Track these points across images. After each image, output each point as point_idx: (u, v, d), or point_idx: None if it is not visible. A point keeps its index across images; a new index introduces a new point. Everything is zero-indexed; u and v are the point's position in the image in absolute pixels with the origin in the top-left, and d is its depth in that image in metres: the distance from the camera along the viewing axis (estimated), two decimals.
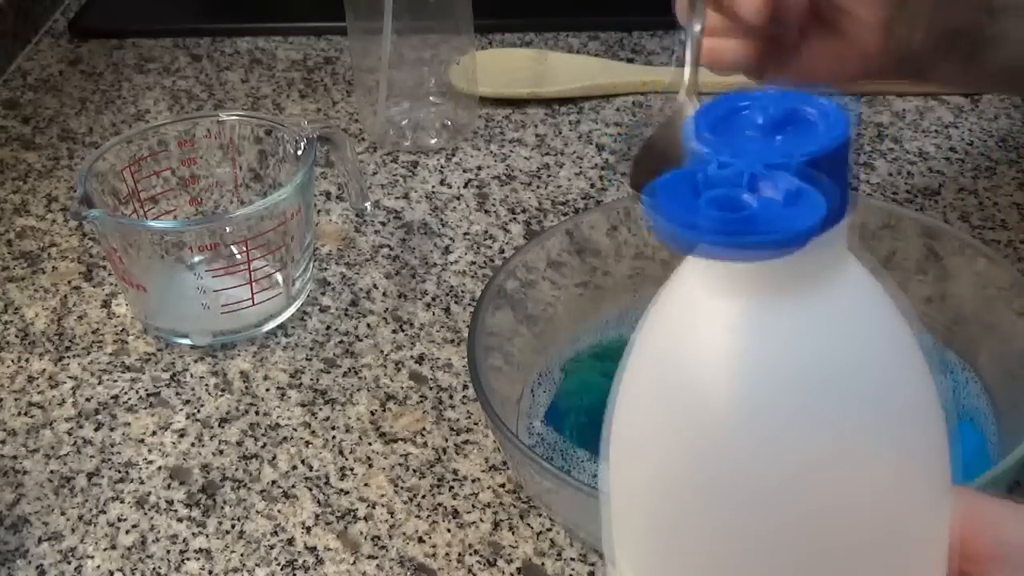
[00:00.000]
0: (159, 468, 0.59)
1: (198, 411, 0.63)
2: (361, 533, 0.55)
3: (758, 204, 0.26)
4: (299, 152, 0.67)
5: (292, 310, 0.68)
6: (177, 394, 0.64)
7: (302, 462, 0.59)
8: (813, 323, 0.29)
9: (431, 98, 0.83)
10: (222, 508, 0.57)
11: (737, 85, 0.81)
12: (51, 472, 0.59)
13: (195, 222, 0.70)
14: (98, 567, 0.54)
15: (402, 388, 0.63)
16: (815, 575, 0.31)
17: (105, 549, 0.55)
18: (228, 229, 0.64)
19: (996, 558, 0.33)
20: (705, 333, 0.29)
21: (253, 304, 0.66)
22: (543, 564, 0.53)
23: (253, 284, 0.65)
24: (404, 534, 0.55)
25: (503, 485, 0.57)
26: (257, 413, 0.62)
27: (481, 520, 0.55)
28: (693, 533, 0.31)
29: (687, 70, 0.58)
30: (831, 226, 0.27)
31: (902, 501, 0.31)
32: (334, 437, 0.61)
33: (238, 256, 0.64)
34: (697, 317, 0.29)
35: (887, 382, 0.30)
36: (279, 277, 0.67)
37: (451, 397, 0.62)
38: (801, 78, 0.60)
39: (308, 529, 0.56)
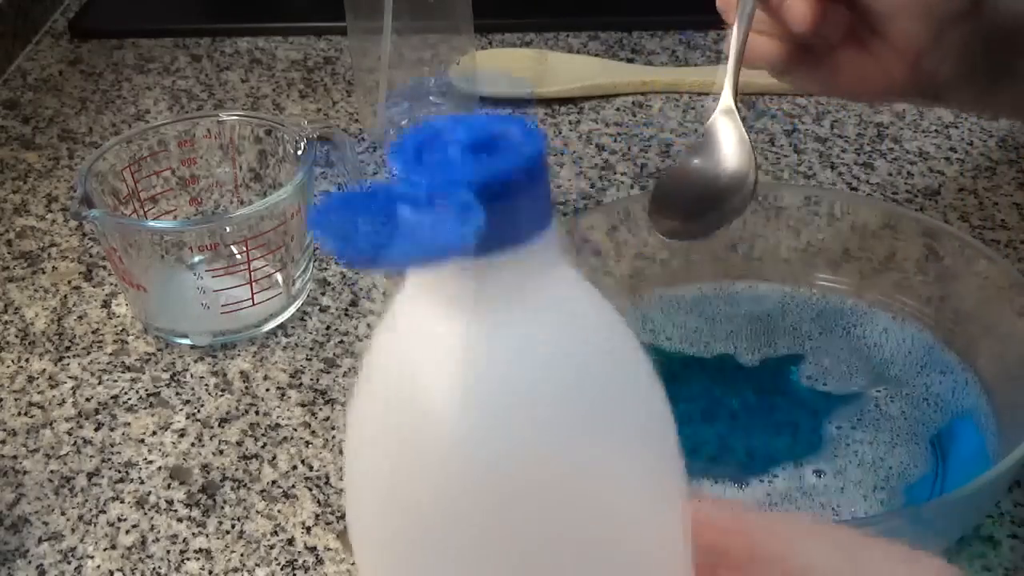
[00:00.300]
0: (159, 468, 0.59)
1: (198, 411, 0.63)
2: None
3: (427, 219, 0.26)
4: (299, 152, 0.67)
5: (292, 310, 0.68)
6: (177, 394, 0.64)
7: (302, 462, 0.59)
8: (522, 332, 0.29)
9: (431, 98, 0.83)
10: (222, 508, 0.57)
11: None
12: (51, 472, 0.59)
13: (195, 222, 0.70)
14: (98, 567, 0.54)
15: None
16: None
17: (105, 549, 0.55)
18: (228, 229, 0.64)
19: (748, 566, 0.33)
20: (416, 353, 0.29)
21: (253, 304, 0.66)
22: None
23: (253, 284, 0.65)
24: None
25: None
26: (257, 413, 0.62)
27: None
28: (417, 543, 0.31)
29: (729, 72, 0.58)
30: (526, 239, 0.28)
31: (630, 505, 0.30)
32: (334, 437, 0.61)
33: (238, 256, 0.64)
34: (409, 338, 0.29)
35: (602, 387, 0.30)
36: (279, 277, 0.67)
37: None
38: (823, 87, 0.61)
39: (308, 529, 0.56)
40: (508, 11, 0.97)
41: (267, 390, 0.64)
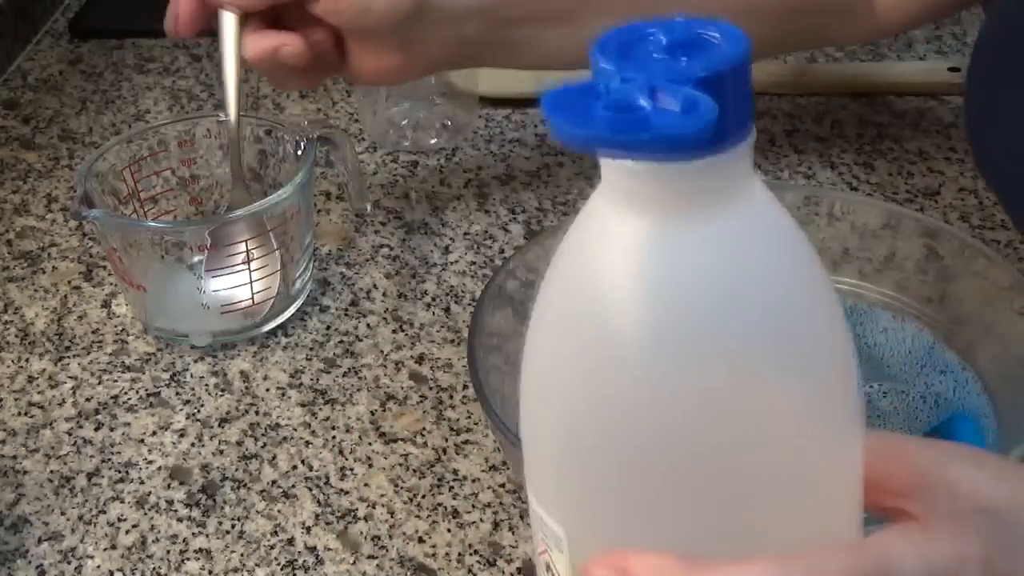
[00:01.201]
0: (159, 468, 0.59)
1: (198, 411, 0.63)
2: (361, 533, 0.55)
3: (654, 110, 0.27)
4: (299, 152, 0.67)
5: (292, 310, 0.68)
6: (177, 394, 0.64)
7: (302, 462, 0.59)
8: (718, 241, 0.29)
9: (431, 98, 0.83)
10: (222, 508, 0.57)
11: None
12: (51, 472, 0.59)
13: (195, 222, 0.70)
14: (98, 567, 0.54)
15: (402, 388, 0.63)
16: (726, 502, 0.30)
17: (105, 549, 0.55)
18: (228, 229, 0.64)
19: (914, 491, 0.33)
20: (610, 253, 0.29)
21: (253, 304, 0.66)
22: None
23: (253, 284, 0.65)
24: (404, 534, 0.55)
25: (503, 485, 0.57)
26: (257, 413, 0.62)
27: (481, 520, 0.55)
28: (599, 466, 0.31)
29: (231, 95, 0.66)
30: (732, 143, 0.28)
31: (811, 423, 0.30)
32: (334, 437, 0.61)
33: (238, 256, 0.64)
34: (603, 239, 0.30)
35: (794, 304, 0.30)
36: (279, 277, 0.67)
37: (451, 397, 0.62)
38: (351, 79, 0.68)
39: (308, 529, 0.56)
40: None
41: (267, 390, 0.64)
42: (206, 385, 0.64)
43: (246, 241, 0.64)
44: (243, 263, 0.64)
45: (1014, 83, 0.57)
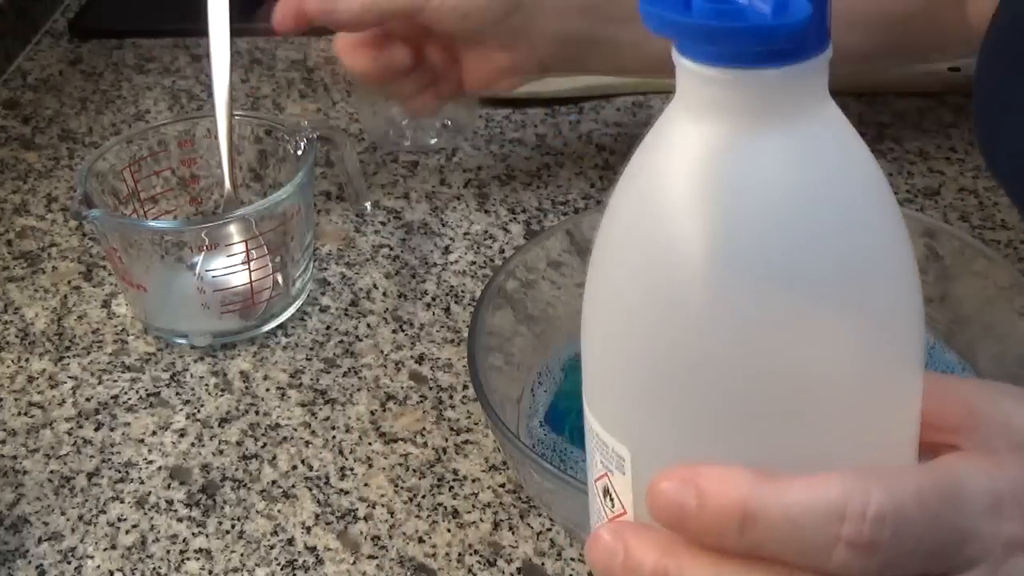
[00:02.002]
0: (159, 468, 0.59)
1: (198, 411, 0.63)
2: (361, 533, 0.55)
3: (749, 5, 0.28)
4: (299, 152, 0.67)
5: (292, 310, 0.68)
6: (177, 394, 0.64)
7: (302, 462, 0.59)
8: (794, 153, 0.29)
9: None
10: (222, 508, 0.57)
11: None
12: (51, 472, 0.59)
13: (195, 222, 0.70)
14: (98, 567, 0.54)
15: (402, 388, 0.63)
16: (792, 421, 0.30)
17: (105, 549, 0.55)
18: (228, 229, 0.64)
19: (968, 428, 0.34)
20: (683, 160, 0.30)
21: (253, 304, 0.66)
22: (543, 564, 0.53)
23: (253, 284, 0.65)
24: (404, 534, 0.55)
25: (503, 485, 0.57)
26: (257, 413, 0.62)
27: (481, 520, 0.55)
28: (667, 382, 0.31)
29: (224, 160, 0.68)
30: (813, 53, 0.28)
31: (879, 347, 0.30)
32: (334, 437, 0.61)
33: (238, 256, 0.64)
34: (677, 147, 0.30)
35: (866, 225, 0.30)
36: (279, 277, 0.67)
37: (451, 397, 0.62)
38: (471, 89, 0.71)
39: (308, 529, 0.56)
40: None
41: (267, 390, 0.64)
42: (206, 385, 0.64)
43: (246, 241, 0.64)
44: (243, 263, 0.64)
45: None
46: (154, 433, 0.61)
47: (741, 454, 0.31)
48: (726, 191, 0.29)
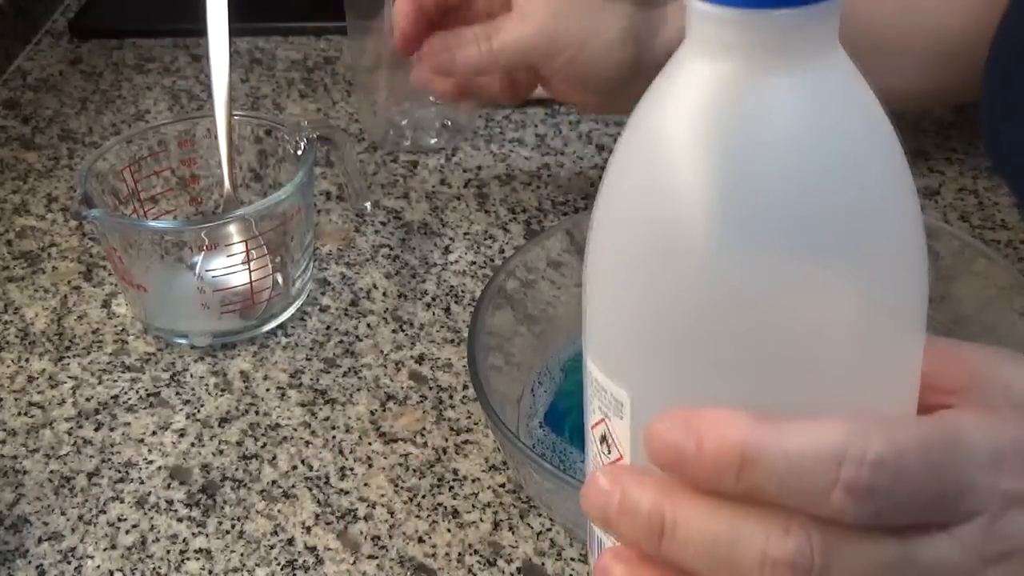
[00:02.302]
0: (159, 468, 0.59)
1: (198, 411, 0.63)
2: (361, 533, 0.55)
3: None
4: (299, 152, 0.67)
5: (292, 310, 0.68)
6: (177, 394, 0.64)
7: (302, 462, 0.59)
8: (804, 98, 0.29)
9: (431, 98, 0.83)
10: (222, 508, 0.57)
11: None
12: (51, 472, 0.59)
13: (195, 222, 0.70)
14: (98, 567, 0.54)
15: (402, 388, 0.63)
16: (793, 370, 0.30)
17: (105, 549, 0.55)
18: (228, 229, 0.64)
19: (968, 389, 0.34)
20: (694, 101, 0.30)
21: (253, 304, 0.66)
22: (543, 564, 0.53)
23: (253, 284, 0.65)
24: (404, 534, 0.55)
25: (503, 485, 0.57)
26: (257, 413, 0.62)
27: (481, 520, 0.55)
28: (668, 327, 0.31)
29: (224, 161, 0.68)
30: None
31: (882, 301, 0.30)
32: (334, 437, 0.61)
33: (238, 256, 0.64)
34: (688, 87, 0.30)
35: (873, 174, 0.30)
36: (279, 277, 0.67)
37: (451, 397, 0.62)
38: (555, 98, 0.70)
39: (308, 529, 0.56)
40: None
41: (267, 390, 0.64)
42: (206, 385, 0.64)
43: (246, 241, 0.64)
44: (243, 263, 0.64)
45: None
46: (154, 433, 0.61)
47: (741, 401, 0.30)
48: (734, 134, 0.29)
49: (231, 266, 0.64)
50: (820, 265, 0.29)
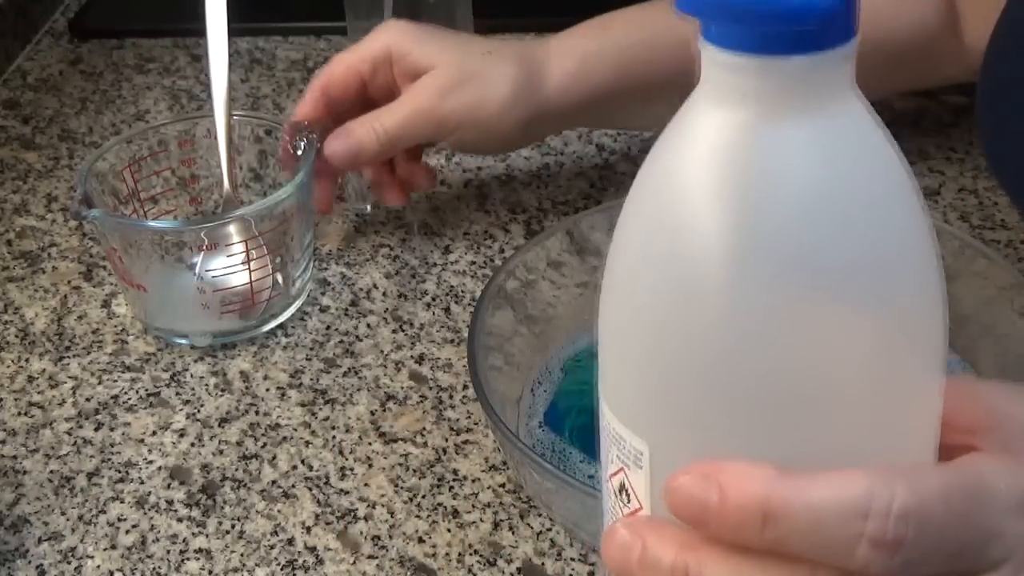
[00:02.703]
0: (159, 468, 0.59)
1: (198, 411, 0.63)
2: (361, 533, 0.55)
3: None
4: (299, 152, 0.67)
5: (292, 310, 0.68)
6: (177, 394, 0.64)
7: (302, 462, 0.59)
8: (818, 143, 0.29)
9: None
10: (222, 508, 0.57)
11: None
12: (51, 472, 0.59)
13: (195, 222, 0.70)
14: (98, 567, 0.54)
15: (402, 388, 0.63)
16: (812, 419, 0.30)
17: (105, 549, 0.55)
18: (228, 229, 0.64)
19: (986, 429, 0.34)
20: (708, 147, 0.29)
21: (253, 304, 0.66)
22: (543, 564, 0.53)
23: (253, 284, 0.65)
24: (404, 534, 0.55)
25: (503, 485, 0.57)
26: (257, 413, 0.62)
27: (481, 520, 0.55)
28: (687, 376, 0.30)
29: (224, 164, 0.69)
30: (839, 41, 0.28)
31: (901, 345, 0.30)
32: (334, 437, 0.61)
33: (237, 256, 0.64)
34: (702, 133, 0.30)
35: (890, 219, 0.30)
36: (279, 277, 0.67)
37: (451, 397, 0.62)
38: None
39: (308, 529, 0.56)
40: (508, 11, 0.97)
41: (267, 390, 0.64)
42: (206, 385, 0.64)
43: (245, 241, 0.64)
44: (242, 263, 0.64)
45: None
46: (154, 433, 0.61)
47: (761, 450, 0.30)
48: (748, 180, 0.29)
49: (231, 266, 0.64)
50: (836, 312, 0.29)
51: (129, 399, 0.64)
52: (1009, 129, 0.58)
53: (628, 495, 0.34)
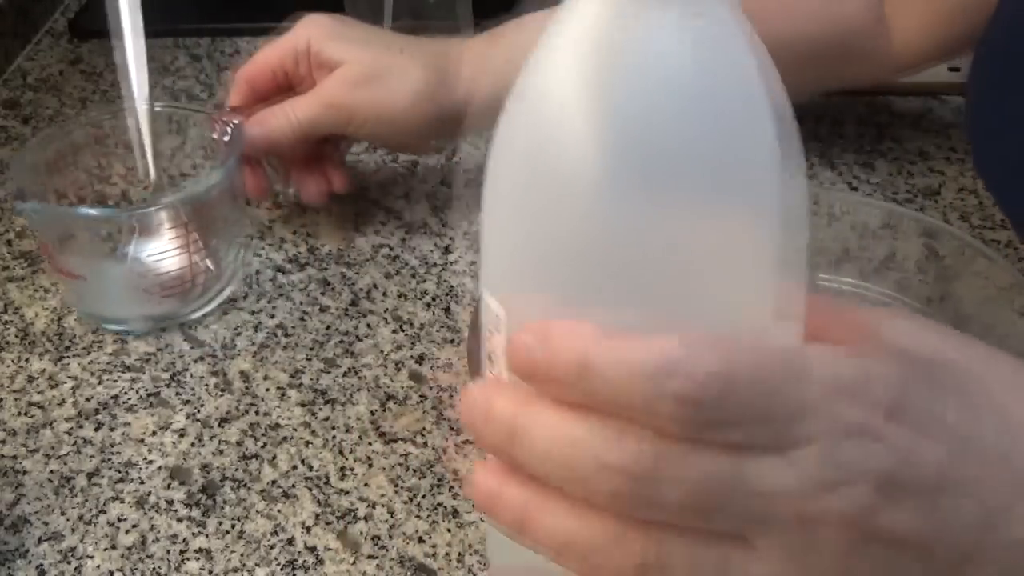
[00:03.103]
0: (159, 468, 0.59)
1: (198, 411, 0.63)
2: (361, 533, 0.55)
3: None
4: (226, 139, 0.69)
5: (226, 294, 0.70)
6: (177, 394, 0.64)
7: (302, 462, 0.59)
8: (686, 33, 0.30)
9: None
10: (222, 508, 0.57)
11: None
12: (51, 472, 0.59)
13: (126, 209, 0.71)
14: (98, 567, 0.54)
15: (402, 388, 0.63)
16: (646, 302, 0.32)
17: (105, 549, 0.55)
18: (159, 215, 0.65)
19: (847, 342, 0.34)
20: (578, 36, 0.31)
21: (188, 288, 0.67)
22: None
23: (186, 269, 0.66)
24: (404, 534, 0.55)
25: None
26: (257, 413, 0.62)
27: (481, 520, 0.55)
28: (536, 246, 0.33)
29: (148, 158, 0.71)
30: None
31: (738, 237, 0.32)
32: (334, 437, 0.61)
33: (171, 242, 0.65)
34: (573, 23, 0.31)
35: (733, 114, 0.31)
36: (209, 263, 0.68)
37: (451, 397, 0.62)
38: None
39: (308, 529, 0.56)
40: (508, 11, 0.97)
41: (267, 390, 0.64)
42: (206, 385, 0.64)
43: (176, 227, 0.65)
44: (175, 248, 0.66)
45: (1017, 90, 0.57)
46: (154, 433, 0.61)
47: (602, 320, 0.32)
48: (615, 65, 0.30)
49: (164, 251, 0.66)
50: (682, 194, 0.31)
51: (129, 399, 0.64)
52: (997, 132, 0.58)
53: (493, 362, 0.36)
